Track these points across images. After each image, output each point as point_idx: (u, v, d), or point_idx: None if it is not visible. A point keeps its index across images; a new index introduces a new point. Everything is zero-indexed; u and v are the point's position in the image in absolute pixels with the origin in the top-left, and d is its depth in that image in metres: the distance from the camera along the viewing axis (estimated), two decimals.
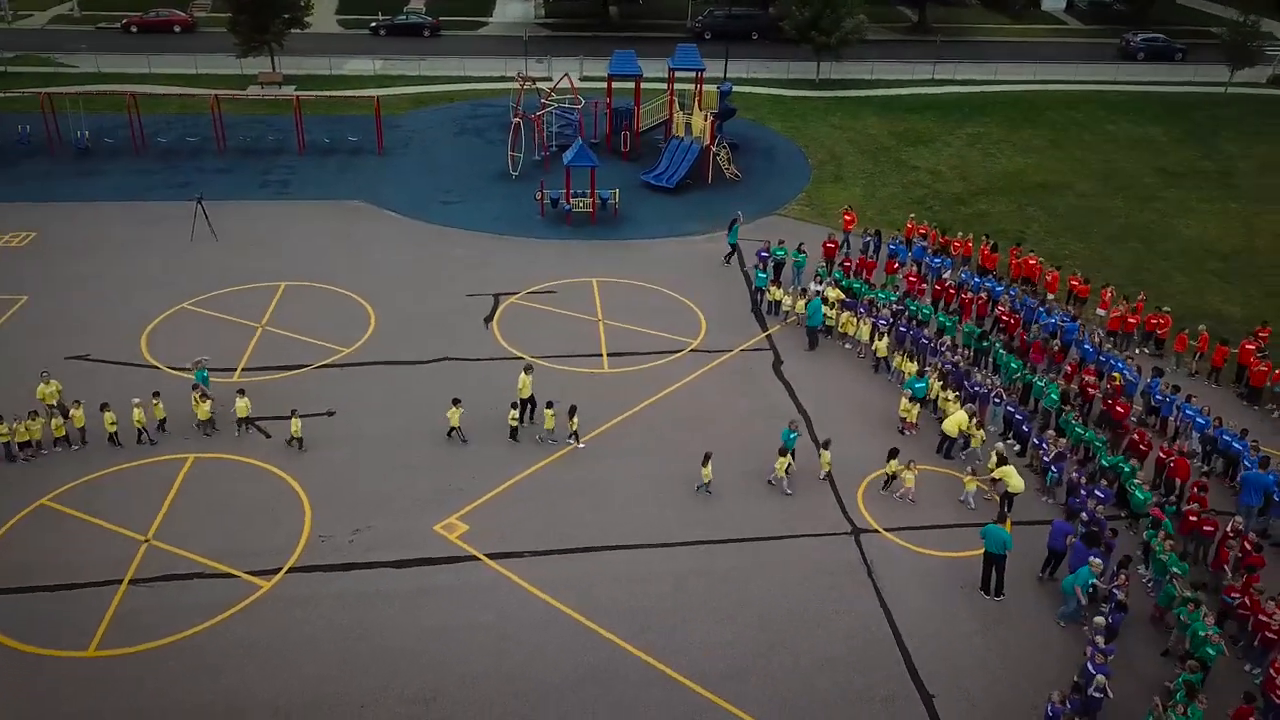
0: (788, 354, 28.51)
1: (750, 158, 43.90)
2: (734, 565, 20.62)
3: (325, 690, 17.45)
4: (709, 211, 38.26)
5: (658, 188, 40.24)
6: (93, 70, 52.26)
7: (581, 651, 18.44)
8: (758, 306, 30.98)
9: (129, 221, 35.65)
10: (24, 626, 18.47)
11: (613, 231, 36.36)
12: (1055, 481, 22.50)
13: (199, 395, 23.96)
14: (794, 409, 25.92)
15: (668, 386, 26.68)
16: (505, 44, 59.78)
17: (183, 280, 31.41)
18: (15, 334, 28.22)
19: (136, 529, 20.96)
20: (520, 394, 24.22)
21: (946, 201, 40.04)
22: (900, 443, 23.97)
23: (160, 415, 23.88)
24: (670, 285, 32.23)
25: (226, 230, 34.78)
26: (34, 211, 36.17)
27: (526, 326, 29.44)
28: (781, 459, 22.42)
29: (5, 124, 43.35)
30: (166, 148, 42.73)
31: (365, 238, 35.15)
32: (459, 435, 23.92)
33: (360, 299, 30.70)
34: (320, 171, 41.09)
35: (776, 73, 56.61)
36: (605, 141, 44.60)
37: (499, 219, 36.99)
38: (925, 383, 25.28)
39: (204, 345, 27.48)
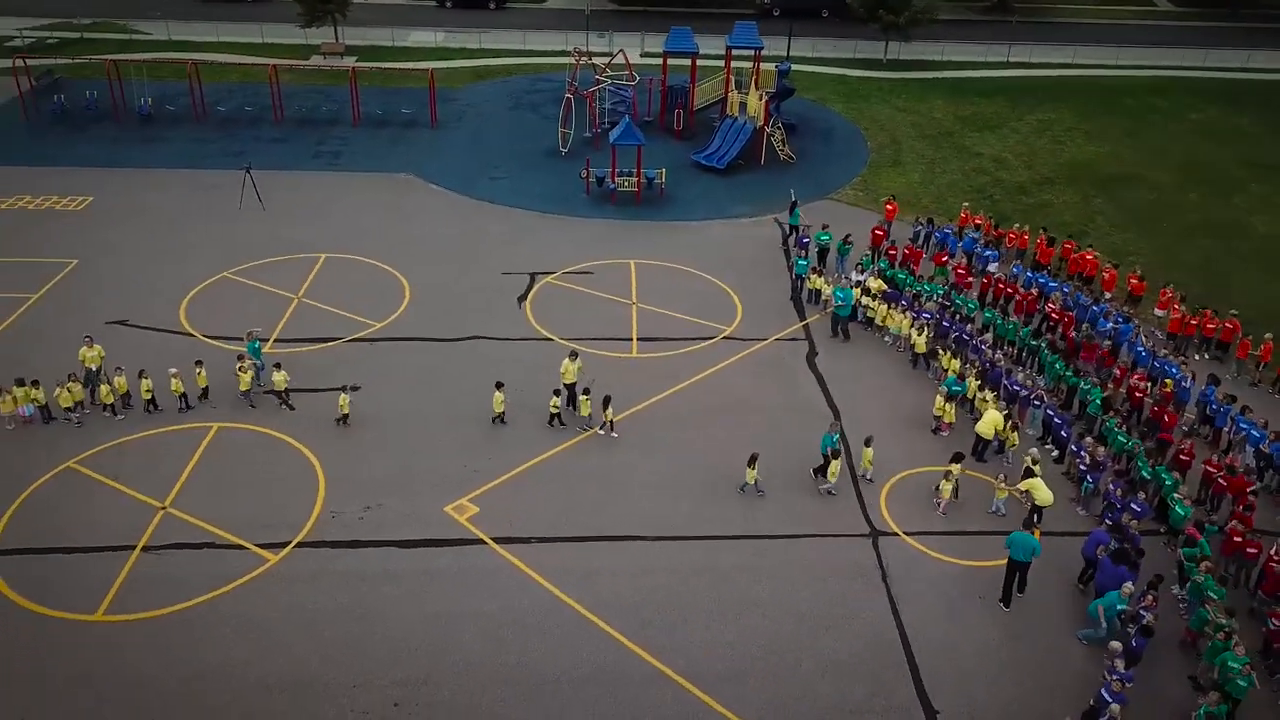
0: (823, 345, 27.67)
1: (807, 139, 42.76)
2: (743, 563, 20.08)
3: (317, 669, 17.47)
4: (759, 194, 37.40)
5: (708, 168, 39.44)
6: (163, 38, 53.32)
7: (579, 645, 18.14)
8: (798, 295, 30.14)
9: (182, 188, 36.22)
10: (38, 587, 18.88)
11: (657, 212, 35.75)
12: (1090, 491, 21.41)
13: (246, 365, 24.12)
14: (823, 402, 25.18)
15: (695, 374, 26.11)
16: (568, 17, 59.23)
17: (227, 249, 31.80)
18: (62, 297, 28.87)
19: (155, 496, 21.27)
20: (564, 380, 23.85)
21: (1008, 190, 38.45)
22: (933, 444, 23.06)
23: (202, 383, 24.12)
24: (710, 269, 31.56)
25: (275, 200, 35.10)
26: (92, 176, 36.99)
27: (559, 307, 29.11)
28: (834, 463, 21.64)
29: (75, 89, 44.41)
30: (226, 116, 43.31)
31: (409, 211, 35.15)
32: (502, 420, 23.71)
33: (397, 273, 30.71)
34: (372, 143, 41.23)
35: (843, 52, 55.01)
36: (659, 120, 43.90)
37: (544, 196, 36.65)
38: (966, 386, 24.21)
39: (240, 314, 27.82)
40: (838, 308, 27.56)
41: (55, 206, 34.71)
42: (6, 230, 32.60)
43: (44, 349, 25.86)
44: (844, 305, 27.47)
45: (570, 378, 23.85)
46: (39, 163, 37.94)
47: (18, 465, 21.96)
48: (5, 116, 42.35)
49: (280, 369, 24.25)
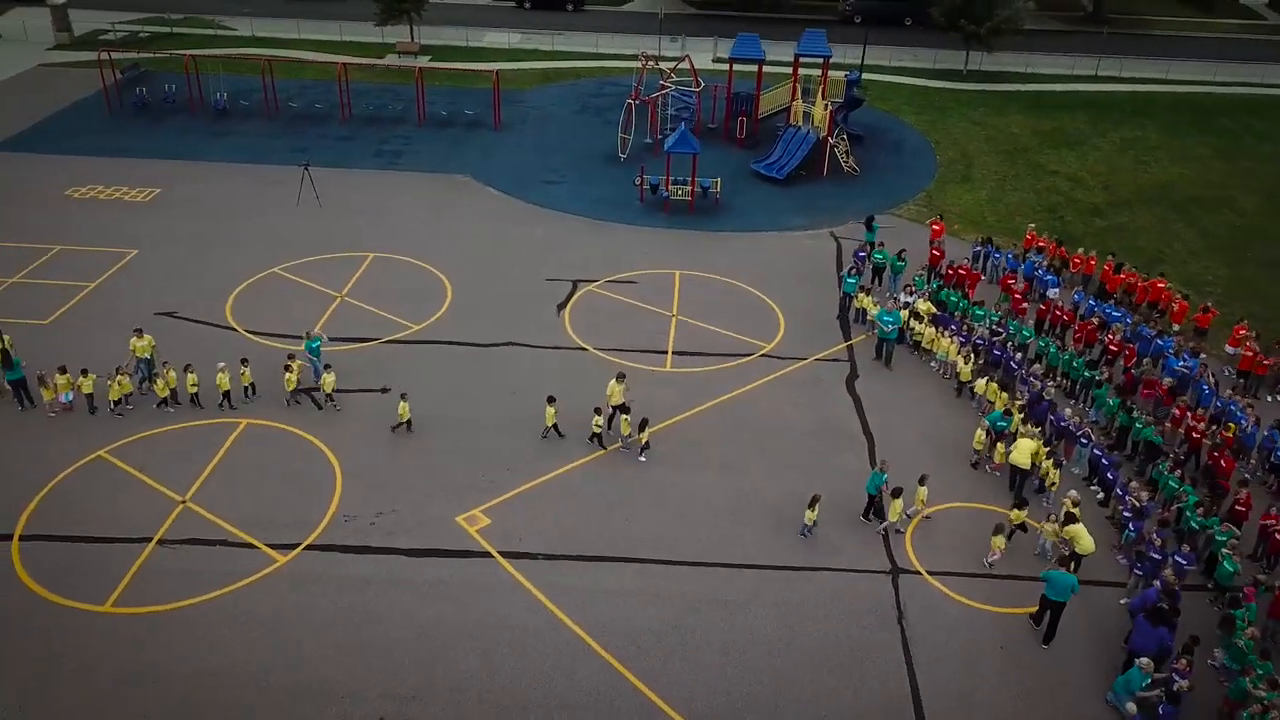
0: (865, 368, 26.70)
1: (874, 151, 41.60)
2: (753, 594, 19.37)
3: (312, 675, 17.38)
4: (817, 206, 36.47)
5: (767, 178, 38.65)
6: (247, 34, 54.72)
7: (574, 670, 17.68)
8: (845, 313, 29.18)
9: (246, 183, 36.96)
10: (53, 574, 19.24)
11: (710, 222, 35.12)
12: (1132, 540, 20.09)
13: (294, 366, 24.11)
14: (858, 427, 24.26)
15: (727, 392, 25.43)
16: (643, 21, 58.96)
17: (280, 244, 32.27)
18: (118, 287, 29.64)
19: (177, 489, 21.55)
20: (610, 401, 23.28)
21: (1081, 212, 36.72)
22: (969, 479, 21.98)
23: (246, 381, 24.29)
24: (756, 283, 30.80)
25: (331, 197, 35.53)
26: (163, 168, 38.02)
27: (597, 316, 28.73)
28: (896, 503, 20.55)
29: (158, 83, 45.83)
30: (297, 113, 44.13)
31: (461, 214, 35.21)
32: (555, 433, 23.32)
33: (441, 275, 30.73)
34: (434, 144, 41.50)
35: (922, 62, 53.47)
36: (723, 127, 43.23)
37: (597, 202, 36.34)
38: (1010, 421, 22.94)
39: (282, 311, 28.18)
40: (882, 331, 26.49)
41: (124, 197, 35.76)
42: (76, 219, 33.67)
43: (94, 337, 26.53)
44: (891, 329, 26.37)
45: (617, 399, 23.17)
46: (115, 154, 39.16)
47: (52, 451, 22.49)
48: (91, 108, 43.90)
49: (330, 370, 24.24)
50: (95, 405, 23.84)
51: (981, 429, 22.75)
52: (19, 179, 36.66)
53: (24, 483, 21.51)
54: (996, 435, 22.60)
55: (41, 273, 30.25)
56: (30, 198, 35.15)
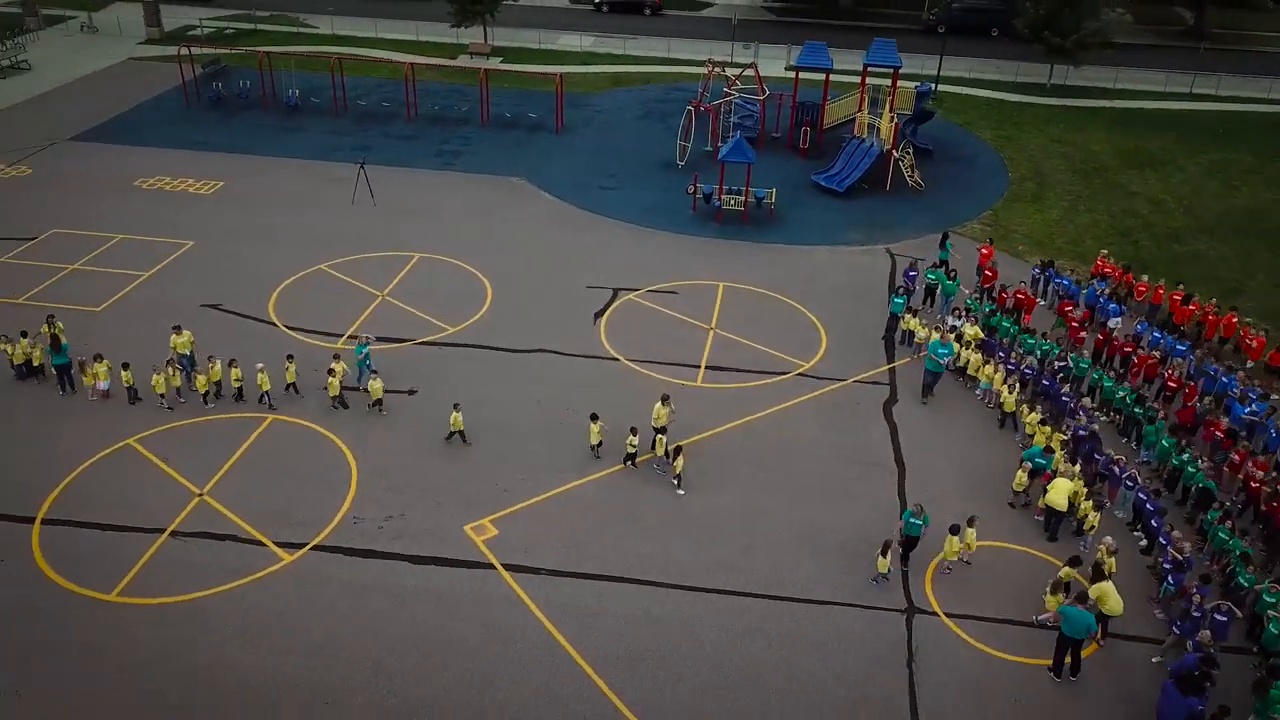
0: (906, 393, 25.62)
1: (943, 166, 40.21)
2: (758, 625, 18.63)
3: (299, 678, 17.27)
4: (875, 221, 35.36)
5: (827, 190, 37.65)
6: (327, 32, 55.82)
7: (562, 693, 17.19)
8: (891, 334, 28.10)
9: (306, 180, 37.54)
10: (67, 560, 19.58)
11: (762, 233, 34.32)
12: (1171, 594, 18.72)
13: (339, 368, 24.03)
14: (891, 455, 23.24)
15: (757, 411, 24.68)
16: (719, 26, 58.26)
17: (330, 241, 32.62)
18: (170, 278, 30.29)
19: (196, 482, 21.79)
20: (654, 423, 22.37)
21: (1158, 237, 34.79)
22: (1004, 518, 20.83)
23: (291, 379, 24.34)
24: (802, 299, 29.92)
25: (386, 196, 35.83)
26: (229, 162, 38.89)
27: (633, 326, 28.24)
28: (952, 539, 19.34)
29: (235, 78, 47.01)
30: (364, 111, 44.74)
31: (512, 217, 35.12)
32: (598, 451, 22.79)
33: (484, 278, 30.63)
34: (494, 146, 41.58)
35: (1004, 74, 51.59)
36: (786, 137, 42.31)
37: (650, 210, 35.86)
38: (1051, 459, 21.68)
39: (322, 309, 28.41)
40: (931, 363, 24.97)
41: (189, 189, 36.65)
42: (140, 209, 34.62)
43: (140, 327, 27.13)
44: (940, 363, 24.82)
45: (661, 421, 22.34)
46: (186, 146, 40.22)
47: (84, 437, 22.98)
48: (171, 101, 45.25)
49: (378, 375, 24.00)
50: (140, 397, 24.20)
51: (1023, 470, 21.42)
52: (94, 168, 37.89)
53: (53, 467, 22.00)
54: (1033, 471, 21.35)
55: (101, 260, 31.13)
56: (101, 186, 36.29)
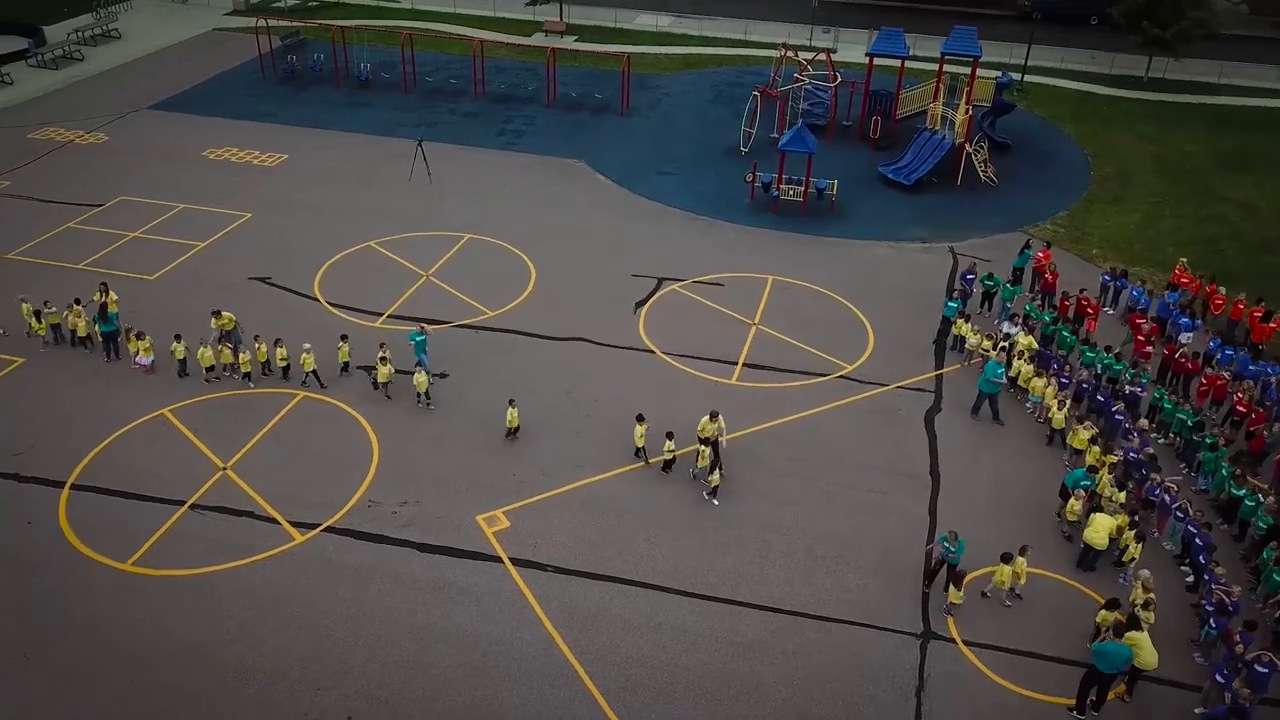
0: (951, 403, 24.44)
1: (1020, 161, 38.37)
2: (764, 639, 17.94)
3: (294, 662, 17.26)
4: (940, 218, 33.91)
5: (894, 183, 36.26)
6: (406, 6, 56.10)
7: (553, 698, 16.79)
8: (942, 339, 26.87)
9: (368, 155, 37.73)
10: (89, 526, 19.97)
11: (820, 226, 33.21)
12: (1212, 638, 17.39)
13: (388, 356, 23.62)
14: (927, 468, 22.18)
15: (791, 414, 23.84)
16: (798, 8, 56.61)
17: (383, 219, 32.73)
18: (225, 249, 30.75)
19: (222, 455, 22.02)
20: (700, 434, 21.52)
21: (1247, 246, 32.54)
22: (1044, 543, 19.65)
23: (344, 359, 24.35)
24: (854, 297, 28.84)
25: (444, 175, 35.78)
26: (295, 135, 39.36)
27: (674, 318, 27.59)
28: (1003, 569, 18.27)
29: (310, 51, 47.59)
30: (432, 87, 44.82)
31: (566, 200, 34.71)
32: (644, 455, 22.03)
33: (529, 262, 30.33)
34: (557, 126, 41.20)
35: (1100, 65, 49.01)
36: (857, 126, 40.90)
37: (705, 197, 35.04)
38: (1095, 480, 20.38)
39: (365, 286, 28.48)
40: (985, 383, 23.44)
41: (254, 161, 37.21)
42: (203, 180, 35.26)
43: (189, 297, 27.60)
44: (993, 383, 23.36)
45: (706, 434, 21.25)
46: (257, 118, 40.85)
47: (121, 405, 23.43)
48: (248, 73, 46.02)
49: (421, 368, 23.57)
50: (187, 371, 24.41)
51: (1076, 499, 20.03)
52: (166, 137, 38.76)
53: (89, 433, 22.50)
54: (1069, 491, 20.10)
55: (161, 229, 31.79)
56: (171, 156, 37.10)
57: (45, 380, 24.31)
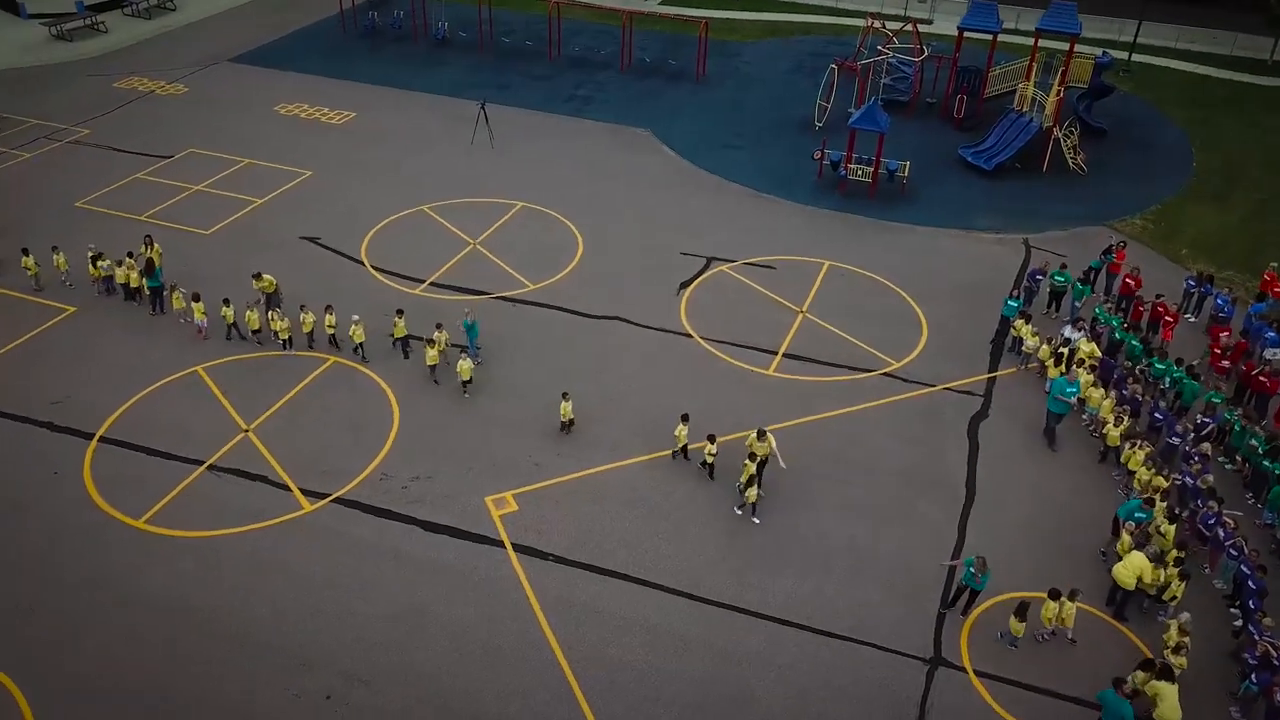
0: (1000, 409, 22.96)
1: (1116, 150, 35.86)
2: (760, 651, 17.13)
3: (284, 635, 17.19)
4: (1019, 207, 31.93)
5: (974, 167, 34.30)
6: None
7: (534, 693, 16.33)
8: (1000, 339, 25.26)
9: (434, 116, 37.50)
10: (109, 481, 20.30)
11: (887, 210, 31.62)
12: (1251, 694, 15.87)
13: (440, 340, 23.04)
14: (963, 479, 20.88)
15: (828, 410, 22.72)
16: None
17: (440, 182, 32.48)
18: (281, 206, 30.94)
19: (246, 416, 22.14)
20: (749, 448, 19.86)
21: None
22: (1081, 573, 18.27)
23: (400, 334, 23.69)
24: (912, 288, 27.36)
25: (507, 140, 35.31)
26: (366, 93, 39.38)
27: (718, 301, 26.62)
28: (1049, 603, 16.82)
29: (391, 8, 47.53)
30: (508, 48, 44.28)
31: (626, 171, 33.85)
32: (682, 456, 21.01)
33: (579, 235, 29.67)
34: (628, 93, 40.24)
35: (1220, 45, 45.46)
36: (942, 103, 38.80)
37: (770, 174, 33.73)
38: (1151, 514, 18.76)
39: (412, 252, 28.29)
40: (1054, 403, 21.54)
41: (322, 118, 37.37)
42: (272, 135, 35.56)
43: (240, 253, 27.84)
44: (1063, 402, 21.49)
45: (762, 453, 19.83)
46: (330, 75, 41.02)
47: (160, 360, 23.75)
48: (328, 28, 46.27)
49: (466, 358, 22.90)
50: (238, 334, 24.44)
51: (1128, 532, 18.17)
52: (241, 90, 39.25)
53: (124, 386, 22.89)
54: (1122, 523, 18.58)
55: (224, 183, 32.18)
56: (242, 110, 37.55)
57: (91, 331, 24.84)
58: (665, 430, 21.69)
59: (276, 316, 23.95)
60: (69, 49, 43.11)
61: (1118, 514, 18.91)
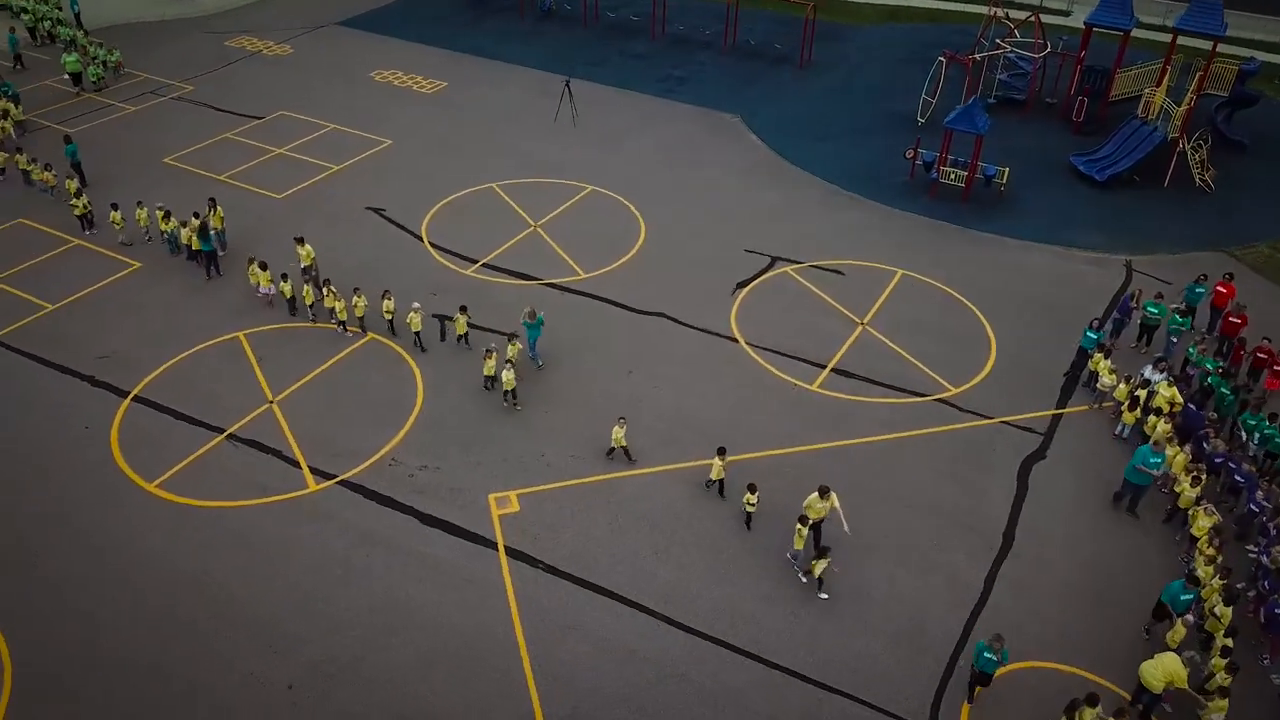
0: (1060, 451, 20.88)
1: (1253, 167, 32.41)
2: (741, 691, 15.96)
3: (261, 617, 17.02)
4: (1127, 225, 29.17)
5: (1085, 176, 31.54)
6: None
7: (493, 712, 15.74)
8: (1075, 372, 23.04)
9: (524, 91, 37.02)
10: (132, 440, 20.66)
11: (979, 218, 29.37)
12: None
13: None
14: (1001, 528, 19.06)
15: (866, 434, 21.16)
16: None
17: (515, 160, 31.99)
18: (354, 175, 31.04)
19: (274, 387, 22.19)
20: (806, 511, 17.74)
21: None
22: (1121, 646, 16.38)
23: (462, 329, 22.99)
24: (988, 306, 25.30)
25: (591, 119, 34.51)
26: (462, 63, 39.26)
27: (774, 304, 25.21)
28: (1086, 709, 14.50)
29: None
30: (611, 23, 43.40)
31: (705, 159, 32.56)
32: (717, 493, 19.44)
33: (643, 223, 28.68)
34: (723, 76, 38.77)
35: None
36: (1062, 103, 35.86)
37: (859, 171, 31.84)
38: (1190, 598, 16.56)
39: (471, 230, 27.92)
40: (1133, 472, 18.95)
41: (414, 87, 37.40)
42: (361, 102, 35.78)
43: (305, 219, 28.05)
44: (1145, 472, 18.82)
45: (815, 514, 17.80)
46: (430, 42, 41.09)
47: (205, 323, 24.09)
48: None
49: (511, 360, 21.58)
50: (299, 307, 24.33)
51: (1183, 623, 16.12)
52: (341, 55, 39.69)
53: (167, 346, 23.29)
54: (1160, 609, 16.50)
55: (305, 148, 32.55)
56: (339, 75, 37.95)
57: (149, 289, 25.42)
58: (688, 440, 20.69)
59: (332, 294, 23.53)
60: (189, 5, 44.52)
61: (1162, 598, 16.76)
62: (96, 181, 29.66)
